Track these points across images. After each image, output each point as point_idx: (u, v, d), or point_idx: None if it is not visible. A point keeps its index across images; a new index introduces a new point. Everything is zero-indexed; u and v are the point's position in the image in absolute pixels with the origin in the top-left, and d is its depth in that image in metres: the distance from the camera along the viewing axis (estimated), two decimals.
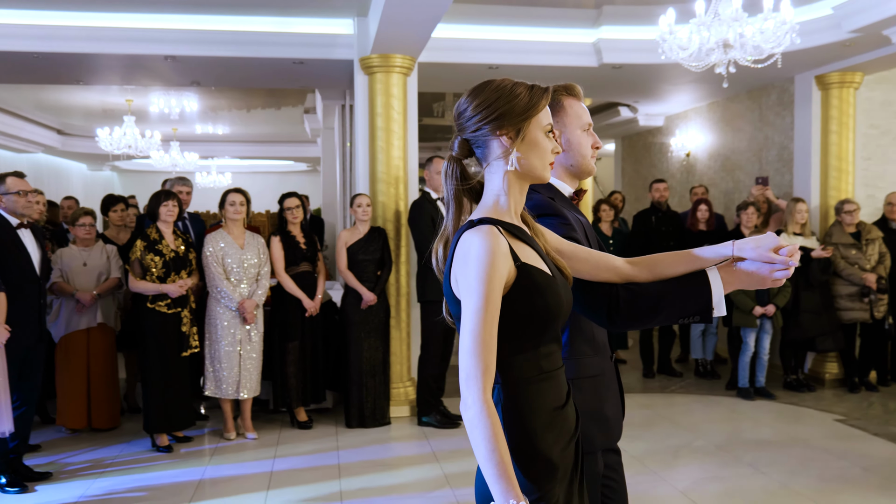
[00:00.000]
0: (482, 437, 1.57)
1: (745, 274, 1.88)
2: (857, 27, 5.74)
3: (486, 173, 1.77)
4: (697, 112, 9.43)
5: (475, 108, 1.73)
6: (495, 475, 1.56)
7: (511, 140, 1.73)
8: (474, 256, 1.62)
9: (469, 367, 1.60)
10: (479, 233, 1.65)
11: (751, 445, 5.33)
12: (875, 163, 7.60)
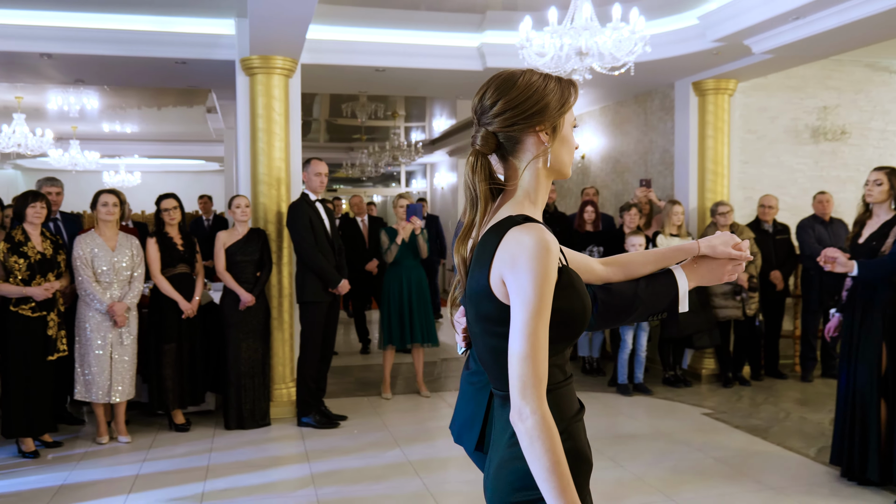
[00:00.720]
0: (544, 450, 1.50)
1: (706, 270, 1.94)
2: (720, 36, 6.00)
3: (512, 168, 1.71)
4: (591, 115, 9.68)
5: (508, 102, 1.65)
6: (559, 488, 1.49)
7: (548, 136, 1.68)
8: (529, 256, 1.53)
9: (525, 375, 1.52)
10: (531, 231, 1.56)
11: (617, 440, 5.51)
12: (752, 166, 7.94)
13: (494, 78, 1.71)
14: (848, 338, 4.55)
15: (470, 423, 1.95)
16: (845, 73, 8.13)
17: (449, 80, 7.57)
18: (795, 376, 7.43)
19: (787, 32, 5.68)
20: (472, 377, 1.99)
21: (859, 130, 8.19)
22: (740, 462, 4.98)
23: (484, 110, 1.69)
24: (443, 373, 7.99)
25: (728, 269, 1.94)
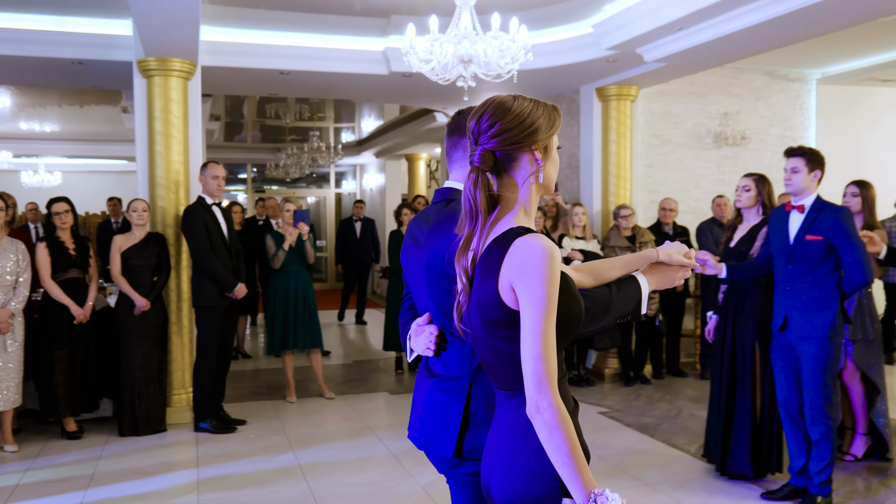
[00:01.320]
0: (562, 439, 1.64)
1: (661, 275, 2.12)
2: (613, 45, 6.15)
3: (506, 184, 1.83)
4: None
5: (506, 123, 1.79)
6: (578, 472, 1.64)
7: (541, 154, 1.83)
8: (538, 263, 1.67)
9: (539, 372, 1.66)
10: (537, 240, 1.70)
11: None
12: (657, 170, 8.15)
13: (489, 103, 1.84)
14: (721, 338, 4.72)
15: (444, 429, 2.05)
16: (745, 81, 8.41)
17: (355, 83, 7.60)
18: (696, 374, 7.66)
19: (674, 42, 5.86)
20: (443, 384, 2.09)
21: (759, 136, 8.49)
22: (622, 460, 5.12)
23: (482, 131, 1.81)
24: (354, 375, 8.02)
25: (679, 275, 2.14)
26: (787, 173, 4.25)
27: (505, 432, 1.80)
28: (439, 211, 2.18)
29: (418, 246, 2.19)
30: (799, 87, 8.66)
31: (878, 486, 4.56)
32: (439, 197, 2.25)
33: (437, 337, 2.09)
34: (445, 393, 2.08)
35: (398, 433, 5.77)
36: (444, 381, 2.09)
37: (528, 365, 1.68)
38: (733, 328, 4.66)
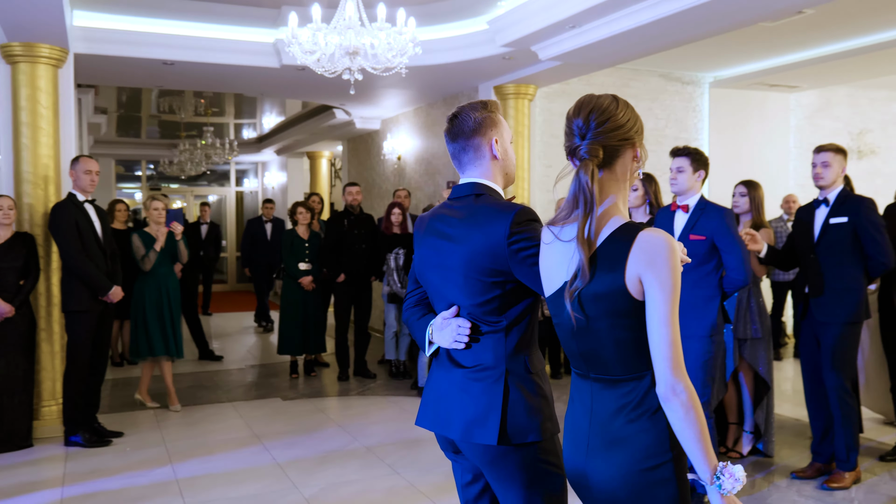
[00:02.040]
0: (696, 418, 1.74)
1: None
2: (508, 41, 6.07)
3: (606, 178, 1.89)
4: (406, 117, 9.65)
5: (623, 119, 1.89)
6: (705, 449, 1.74)
7: (641, 150, 1.93)
8: (667, 255, 1.77)
9: (675, 357, 1.76)
10: (660, 234, 1.79)
11: (402, 446, 5.45)
12: (555, 170, 8.14)
13: (591, 100, 1.92)
14: None
15: (483, 418, 2.11)
16: (642, 82, 8.50)
17: (246, 77, 7.30)
18: None
19: (568, 40, 5.82)
20: (477, 374, 2.15)
21: (655, 137, 8.59)
22: None
23: (593, 127, 1.87)
24: (246, 381, 7.70)
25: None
26: (672, 173, 4.25)
27: (607, 416, 1.87)
28: (470, 205, 2.20)
29: (449, 240, 2.21)
30: (693, 90, 8.82)
31: (761, 482, 4.61)
32: (464, 192, 2.24)
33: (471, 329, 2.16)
34: (482, 382, 2.14)
35: (287, 441, 5.52)
36: (479, 371, 2.15)
37: (662, 350, 1.77)
38: None
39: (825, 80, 8.84)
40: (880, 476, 4.64)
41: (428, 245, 2.28)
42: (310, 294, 7.58)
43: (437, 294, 2.29)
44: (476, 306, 2.17)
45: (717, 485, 1.74)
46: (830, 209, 4.50)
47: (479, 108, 2.26)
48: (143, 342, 6.27)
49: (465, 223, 2.18)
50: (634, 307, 1.81)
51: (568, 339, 1.94)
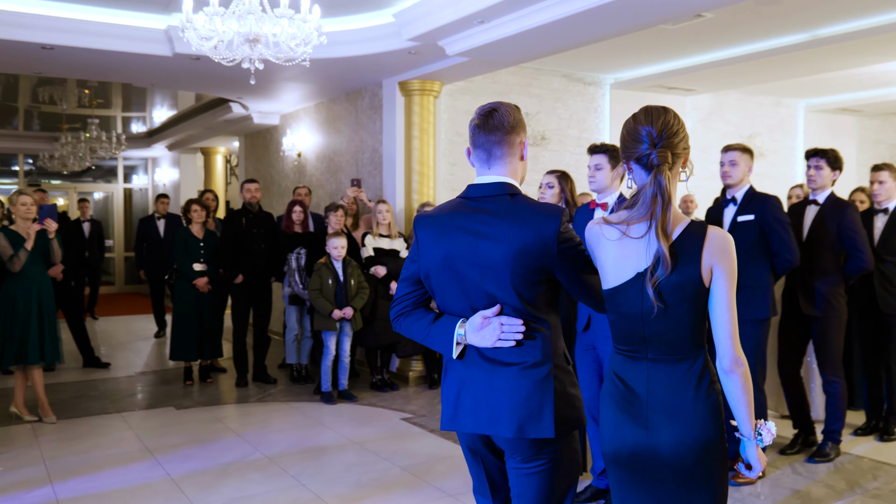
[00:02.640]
0: (751, 386, 2.13)
1: None
2: (414, 35, 5.91)
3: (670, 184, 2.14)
4: (307, 112, 9.36)
5: (684, 132, 2.18)
6: (751, 411, 2.13)
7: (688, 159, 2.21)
8: (732, 248, 2.10)
9: (737, 334, 2.10)
10: (723, 231, 2.13)
11: (307, 454, 5.20)
12: (460, 168, 8.05)
13: (661, 111, 2.15)
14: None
15: (538, 413, 2.19)
16: (545, 82, 8.52)
17: (135, 65, 6.86)
18: None
19: (476, 35, 5.72)
20: (525, 371, 2.21)
21: (558, 137, 8.64)
22: (425, 469, 4.87)
23: (671, 135, 2.13)
24: (137, 389, 7.24)
25: None
26: (590, 170, 4.18)
27: (670, 391, 2.12)
28: (508, 204, 2.24)
29: (486, 239, 2.22)
30: (594, 91, 8.91)
31: None
32: (494, 191, 2.26)
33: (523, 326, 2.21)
34: (532, 378, 2.20)
35: (182, 454, 5.18)
36: (529, 368, 2.21)
37: (727, 329, 2.09)
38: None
39: (719, 85, 9.11)
40: (782, 469, 4.74)
41: (460, 243, 2.25)
42: (205, 296, 7.19)
43: (464, 293, 2.27)
44: (521, 303, 2.22)
45: (758, 439, 2.14)
46: (738, 207, 4.56)
47: (514, 109, 2.33)
48: (12, 349, 5.75)
49: (506, 221, 2.22)
50: (702, 293, 2.10)
51: (635, 324, 2.15)
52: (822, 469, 4.75)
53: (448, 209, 2.34)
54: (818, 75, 8.69)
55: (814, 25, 6.54)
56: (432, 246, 2.30)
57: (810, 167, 4.99)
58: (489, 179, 2.29)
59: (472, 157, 2.36)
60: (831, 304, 4.82)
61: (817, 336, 4.89)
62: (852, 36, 6.50)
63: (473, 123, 2.32)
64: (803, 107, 10.67)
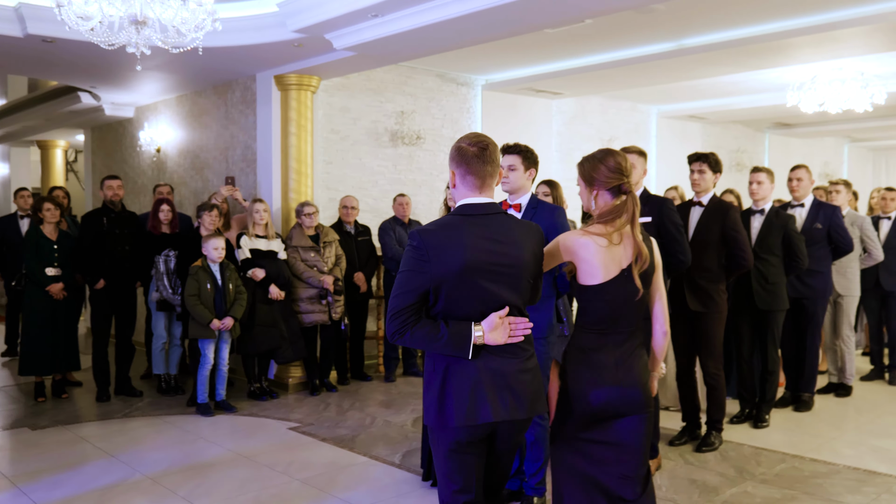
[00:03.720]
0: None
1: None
2: (300, 27, 5.65)
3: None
4: (167, 105, 8.77)
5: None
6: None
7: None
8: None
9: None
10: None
11: (195, 472, 4.83)
12: (336, 166, 7.82)
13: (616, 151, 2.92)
14: None
15: (539, 393, 2.68)
16: (419, 81, 8.45)
17: None
18: (380, 377, 7.47)
19: (368, 30, 5.54)
20: (528, 360, 2.66)
21: (432, 137, 8.59)
22: (327, 481, 4.66)
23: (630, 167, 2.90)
24: None
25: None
26: (503, 171, 4.12)
27: (629, 355, 2.81)
28: (508, 218, 2.67)
29: (505, 247, 2.59)
30: (466, 92, 8.94)
31: None
32: (493, 209, 2.65)
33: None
34: (531, 365, 2.67)
35: (48, 480, 4.65)
36: (530, 357, 2.67)
37: (665, 305, 2.97)
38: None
39: (586, 89, 9.42)
40: (675, 461, 4.92)
41: (480, 251, 2.55)
42: (59, 303, 6.54)
43: (478, 297, 2.56)
44: (520, 302, 2.65)
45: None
46: None
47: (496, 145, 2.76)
48: None
49: (515, 232, 2.63)
50: (655, 279, 2.89)
51: (620, 307, 2.79)
52: (710, 458, 4.98)
53: (455, 223, 2.59)
54: (670, 84, 9.20)
55: (681, 35, 6.87)
56: (447, 255, 2.51)
57: (693, 171, 5.22)
58: (482, 200, 2.64)
59: (461, 180, 2.65)
60: (715, 300, 5.07)
61: (701, 331, 5.12)
62: (714, 47, 6.88)
63: (472, 153, 2.63)
64: (655, 113, 11.26)
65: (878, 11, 5.88)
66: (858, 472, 4.66)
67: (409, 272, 2.54)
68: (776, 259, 5.54)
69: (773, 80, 9.10)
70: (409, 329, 2.51)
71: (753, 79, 9.08)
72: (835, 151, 14.77)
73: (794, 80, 8.71)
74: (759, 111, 11.20)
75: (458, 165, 2.67)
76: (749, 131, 12.98)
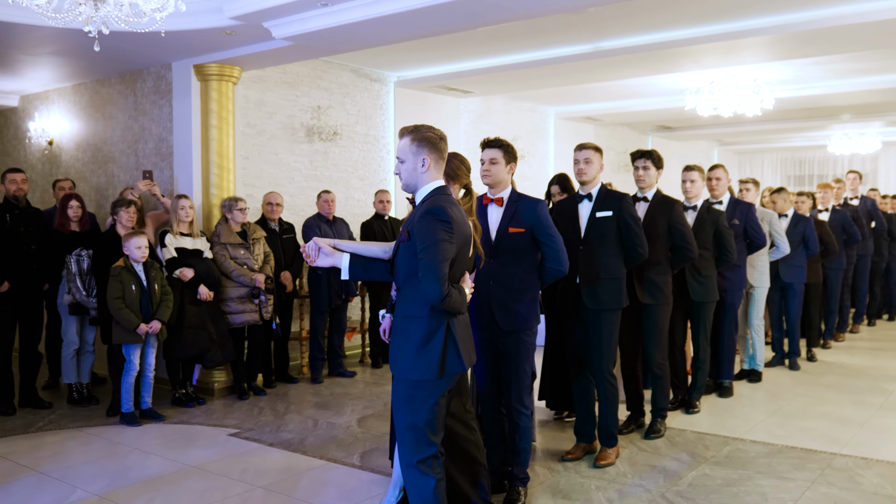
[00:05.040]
0: None
1: None
2: (239, 13, 5.39)
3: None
4: (61, 94, 8.13)
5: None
6: None
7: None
8: None
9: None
10: None
11: (143, 486, 4.49)
12: (252, 162, 7.53)
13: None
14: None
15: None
16: (334, 76, 8.28)
17: None
18: (305, 378, 7.26)
19: (314, 19, 5.36)
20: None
21: (347, 133, 8.44)
22: (290, 486, 4.47)
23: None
24: None
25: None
26: (485, 164, 4.13)
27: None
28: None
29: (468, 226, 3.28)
30: (380, 88, 8.85)
31: (540, 469, 4.73)
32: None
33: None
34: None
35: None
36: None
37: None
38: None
39: (495, 89, 9.55)
40: (629, 448, 5.08)
41: (467, 227, 3.24)
42: None
43: (462, 265, 3.20)
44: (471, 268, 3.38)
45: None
46: (594, 203, 4.77)
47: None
48: None
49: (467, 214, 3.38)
50: None
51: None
52: (661, 444, 5.17)
53: (453, 202, 3.15)
54: (575, 86, 9.49)
55: (600, 37, 7.08)
56: (460, 230, 3.10)
57: (638, 168, 5.40)
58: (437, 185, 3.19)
59: (435, 165, 3.15)
60: (663, 291, 5.26)
61: (649, 322, 5.30)
62: (630, 50, 7.16)
63: (442, 144, 3.17)
64: (553, 114, 11.59)
65: (780, 23, 6.32)
66: (797, 451, 4.98)
67: (445, 242, 2.97)
68: (708, 253, 5.82)
69: (667, 84, 9.60)
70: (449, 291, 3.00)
71: (648, 83, 9.54)
72: (706, 154, 15.75)
73: (688, 85, 9.22)
74: (647, 114, 11.78)
75: (430, 152, 3.12)
76: (634, 133, 13.61)
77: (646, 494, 4.26)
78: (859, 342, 9.07)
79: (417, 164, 3.11)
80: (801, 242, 7.39)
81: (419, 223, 3.02)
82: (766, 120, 11.82)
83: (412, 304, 3.09)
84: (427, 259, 2.94)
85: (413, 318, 3.08)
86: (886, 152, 15.02)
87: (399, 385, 3.14)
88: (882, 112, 11.81)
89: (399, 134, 3.20)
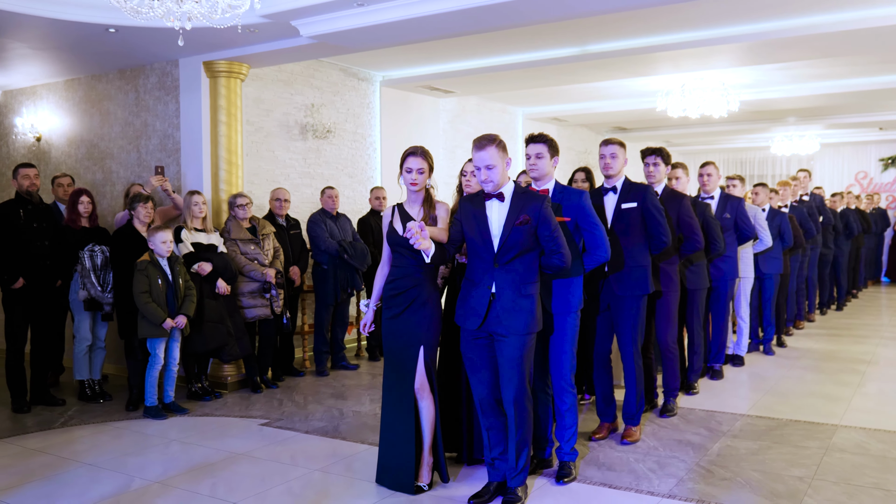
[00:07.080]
0: None
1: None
2: (271, 11, 5.49)
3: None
4: (51, 89, 8.00)
5: None
6: None
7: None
8: None
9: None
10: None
11: (200, 472, 4.57)
12: (252, 159, 7.60)
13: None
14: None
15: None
16: (325, 75, 8.41)
17: None
18: (309, 371, 7.37)
19: (344, 18, 5.52)
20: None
21: (337, 131, 8.57)
22: (345, 468, 4.62)
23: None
24: None
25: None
26: (531, 159, 4.39)
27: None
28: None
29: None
30: (367, 87, 9.01)
31: (578, 447, 5.01)
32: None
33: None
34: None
35: (35, 493, 4.21)
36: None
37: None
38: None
39: (472, 89, 9.82)
40: (651, 425, 5.42)
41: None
42: None
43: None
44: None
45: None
46: (619, 195, 5.09)
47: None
48: None
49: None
50: None
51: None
52: (677, 421, 5.53)
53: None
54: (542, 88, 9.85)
55: (585, 41, 7.41)
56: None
57: (648, 164, 5.76)
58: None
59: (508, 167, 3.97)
60: (674, 280, 5.63)
61: (662, 310, 5.65)
62: (614, 53, 7.51)
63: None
64: (521, 114, 11.95)
65: (753, 31, 6.80)
66: (802, 424, 5.42)
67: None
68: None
69: (636, 87, 10.06)
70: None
71: (618, 86, 9.98)
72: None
73: (657, 88, 9.70)
74: (609, 115, 12.26)
75: (506, 155, 3.88)
76: (592, 134, 14.11)
77: (682, 464, 4.60)
78: (816, 329, 9.71)
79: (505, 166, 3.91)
80: (777, 235, 7.92)
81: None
82: (716, 122, 12.47)
83: (530, 273, 3.92)
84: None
85: (534, 282, 3.93)
86: (823, 153, 15.98)
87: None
88: (822, 115, 12.63)
89: (481, 146, 3.82)
